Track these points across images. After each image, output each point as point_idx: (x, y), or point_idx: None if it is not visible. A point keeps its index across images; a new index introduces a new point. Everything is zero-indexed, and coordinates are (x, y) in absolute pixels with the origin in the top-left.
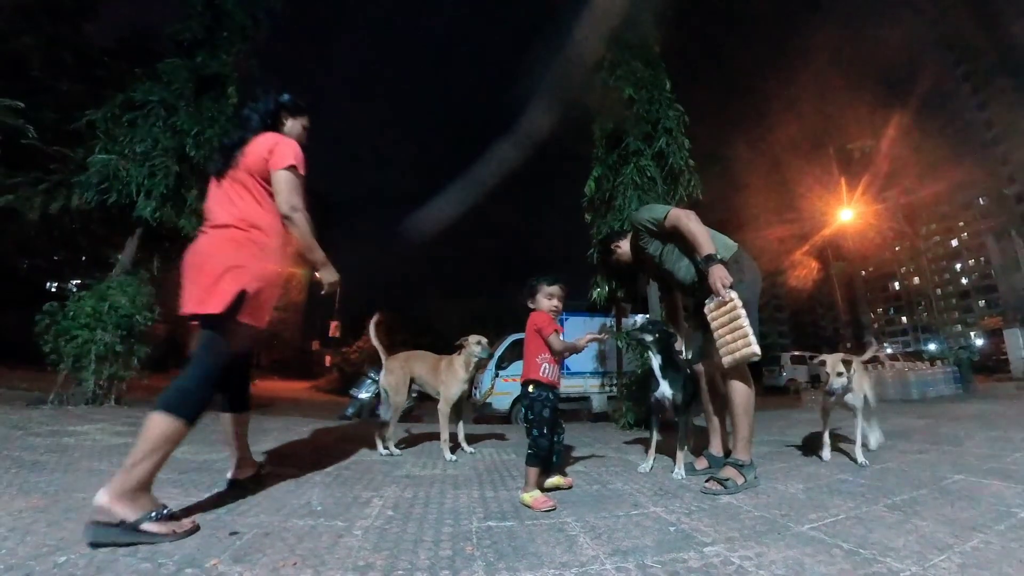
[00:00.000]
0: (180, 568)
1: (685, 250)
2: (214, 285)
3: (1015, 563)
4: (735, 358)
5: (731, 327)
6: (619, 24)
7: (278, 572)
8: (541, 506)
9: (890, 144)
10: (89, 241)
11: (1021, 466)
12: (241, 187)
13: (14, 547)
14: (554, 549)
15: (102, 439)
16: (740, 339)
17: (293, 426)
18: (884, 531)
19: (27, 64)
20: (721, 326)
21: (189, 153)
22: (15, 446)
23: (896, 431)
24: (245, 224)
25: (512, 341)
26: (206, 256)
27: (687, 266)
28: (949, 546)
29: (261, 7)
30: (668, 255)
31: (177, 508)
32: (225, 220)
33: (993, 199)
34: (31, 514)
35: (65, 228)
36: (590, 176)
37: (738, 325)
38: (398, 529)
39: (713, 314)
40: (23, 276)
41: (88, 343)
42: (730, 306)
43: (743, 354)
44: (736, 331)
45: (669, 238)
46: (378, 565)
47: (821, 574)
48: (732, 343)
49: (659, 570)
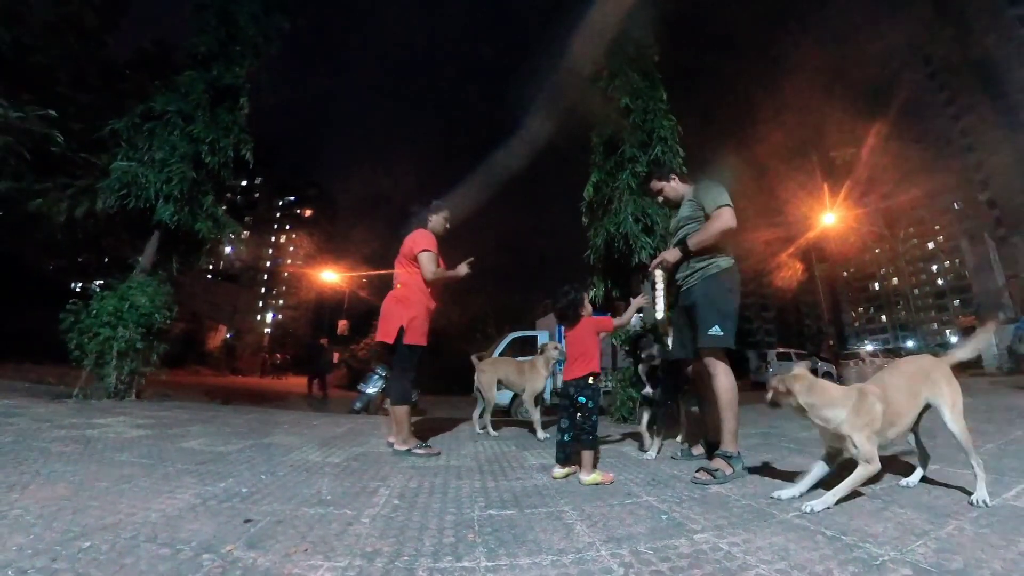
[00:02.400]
0: (198, 553)
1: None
2: (389, 326)
3: (987, 548)
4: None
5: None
6: (617, 37)
7: (290, 558)
8: (610, 479)
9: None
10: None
11: (994, 457)
12: (402, 264)
13: (42, 532)
14: (552, 536)
15: (123, 432)
16: (656, 306)
17: (304, 419)
18: (865, 518)
19: (54, 77)
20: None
21: (205, 160)
22: (42, 438)
23: None
24: (404, 288)
25: (512, 338)
26: (387, 309)
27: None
28: (926, 532)
29: (272, 23)
30: (680, 234)
31: (194, 497)
32: (397, 284)
33: (967, 204)
34: (57, 502)
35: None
36: (589, 181)
37: (658, 299)
38: (404, 517)
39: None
40: (49, 276)
41: (110, 340)
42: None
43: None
44: (657, 301)
45: (692, 221)
46: (385, 551)
47: (805, 559)
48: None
49: (652, 556)
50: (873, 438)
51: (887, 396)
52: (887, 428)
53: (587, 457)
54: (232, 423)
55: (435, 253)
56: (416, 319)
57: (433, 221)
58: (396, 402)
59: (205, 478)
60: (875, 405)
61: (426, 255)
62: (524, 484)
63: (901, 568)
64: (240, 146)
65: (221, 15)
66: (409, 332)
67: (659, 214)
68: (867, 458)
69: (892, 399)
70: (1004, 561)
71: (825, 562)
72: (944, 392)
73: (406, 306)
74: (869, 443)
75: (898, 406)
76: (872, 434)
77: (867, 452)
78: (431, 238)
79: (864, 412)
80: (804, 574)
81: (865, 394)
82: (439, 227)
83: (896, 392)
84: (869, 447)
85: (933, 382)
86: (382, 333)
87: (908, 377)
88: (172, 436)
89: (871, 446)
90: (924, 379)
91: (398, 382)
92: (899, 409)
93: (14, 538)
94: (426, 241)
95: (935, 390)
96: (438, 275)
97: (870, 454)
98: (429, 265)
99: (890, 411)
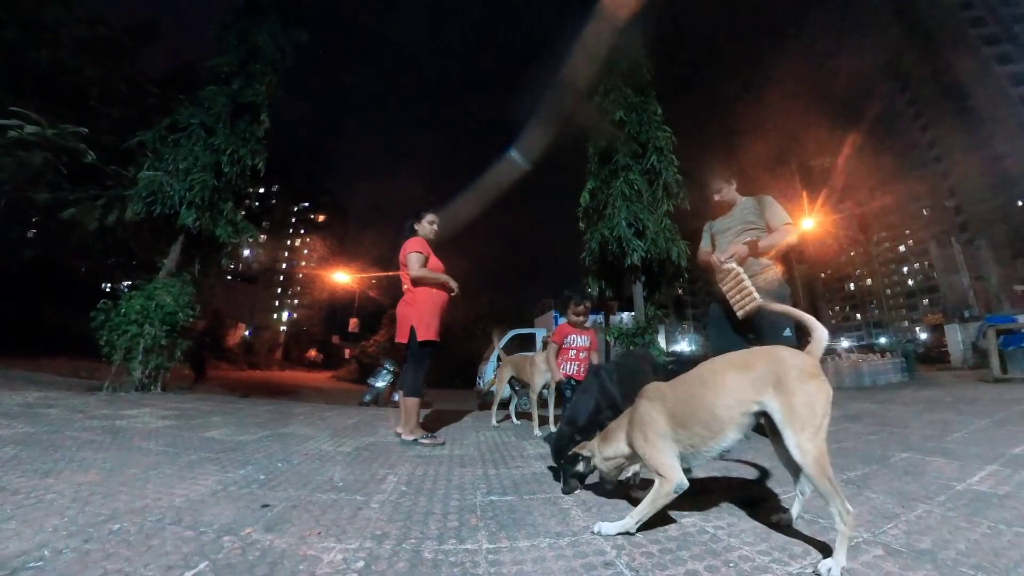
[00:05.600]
0: (219, 536)
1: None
2: (403, 328)
3: (953, 529)
4: (746, 311)
5: (738, 289)
6: (612, 55)
7: (305, 540)
8: None
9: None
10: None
11: (959, 445)
12: (402, 271)
13: (75, 516)
14: (549, 521)
15: (150, 422)
16: (746, 296)
17: (318, 411)
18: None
19: (87, 93)
20: (730, 290)
21: (225, 169)
22: (75, 427)
23: (851, 415)
24: (410, 292)
25: (512, 335)
26: (399, 313)
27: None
28: (896, 515)
29: (289, 43)
30: (728, 236)
31: (215, 483)
32: (404, 290)
33: (935, 210)
34: (89, 487)
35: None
36: (585, 188)
37: (745, 287)
38: (411, 502)
39: (723, 282)
40: (82, 278)
41: (137, 337)
42: (734, 274)
43: (751, 306)
44: (743, 291)
45: (747, 230)
46: (393, 534)
47: (785, 541)
48: (740, 300)
49: (642, 539)
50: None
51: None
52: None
53: None
54: (250, 414)
55: (423, 255)
56: (425, 318)
57: (420, 228)
58: (408, 394)
59: (225, 466)
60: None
61: (412, 256)
62: (523, 472)
63: (873, 549)
64: (257, 156)
65: (242, 35)
66: (420, 331)
67: (650, 219)
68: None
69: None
70: (968, 541)
71: (804, 543)
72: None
73: (414, 308)
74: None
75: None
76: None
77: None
78: (420, 242)
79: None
80: (784, 555)
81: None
82: (427, 231)
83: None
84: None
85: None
86: (399, 335)
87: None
88: (195, 426)
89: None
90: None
91: (411, 376)
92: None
93: (50, 520)
94: (412, 245)
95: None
96: (423, 274)
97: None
98: (413, 264)
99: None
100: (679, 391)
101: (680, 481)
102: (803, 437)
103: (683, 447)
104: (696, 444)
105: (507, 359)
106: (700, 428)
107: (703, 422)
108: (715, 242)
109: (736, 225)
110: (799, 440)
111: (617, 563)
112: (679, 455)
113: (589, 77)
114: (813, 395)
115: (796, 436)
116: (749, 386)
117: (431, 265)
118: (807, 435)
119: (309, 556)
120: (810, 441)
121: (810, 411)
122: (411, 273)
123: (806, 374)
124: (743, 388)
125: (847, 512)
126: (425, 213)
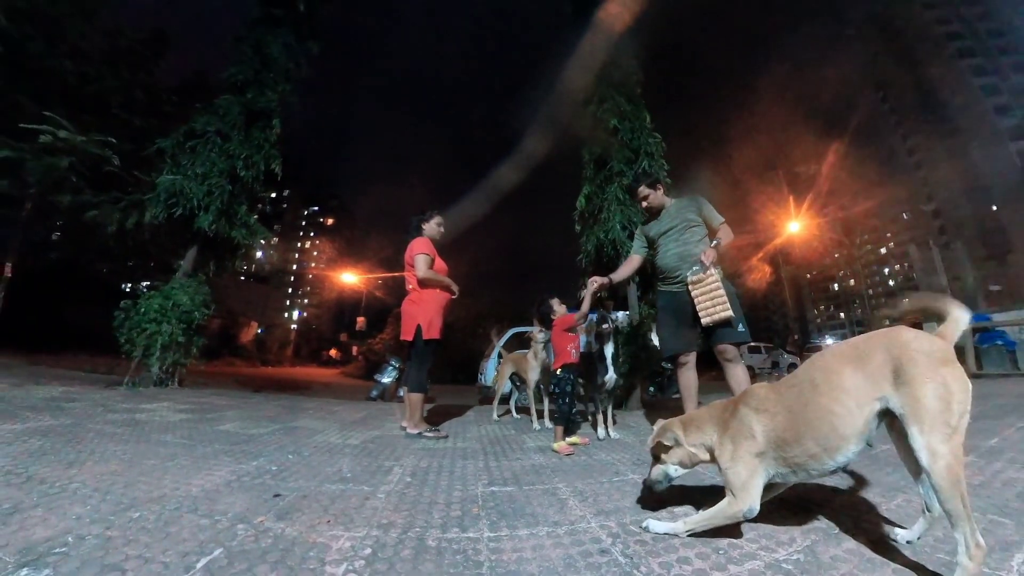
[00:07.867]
0: (233, 524)
1: (690, 241)
2: (408, 326)
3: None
4: (713, 319)
5: (711, 296)
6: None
7: (314, 528)
8: (564, 451)
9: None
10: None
11: None
12: (408, 271)
13: (97, 504)
14: (547, 510)
15: (168, 416)
16: (719, 304)
17: (327, 406)
18: (826, 492)
19: (109, 102)
20: (703, 295)
21: (240, 174)
22: (97, 421)
23: None
24: (415, 291)
25: (513, 333)
26: (405, 312)
27: (675, 255)
28: (877, 505)
29: (302, 52)
30: (672, 235)
31: (229, 473)
32: (409, 289)
33: (915, 214)
34: (110, 477)
35: (138, 238)
36: (581, 193)
37: (719, 295)
38: (415, 493)
39: (697, 287)
40: (103, 279)
41: (155, 335)
42: (712, 280)
43: (721, 316)
44: (716, 299)
45: (688, 228)
46: (398, 523)
47: (771, 528)
48: (711, 307)
49: (637, 527)
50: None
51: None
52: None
53: (557, 431)
54: (263, 409)
55: (430, 256)
56: (429, 317)
57: (428, 228)
58: (412, 389)
59: (239, 457)
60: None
61: (420, 258)
62: (523, 464)
63: (856, 536)
64: (270, 161)
65: (256, 46)
66: (425, 329)
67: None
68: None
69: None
70: (946, 528)
71: (790, 531)
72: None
73: (420, 307)
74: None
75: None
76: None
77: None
78: (427, 243)
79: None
80: (772, 542)
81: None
82: (434, 232)
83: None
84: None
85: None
86: (404, 333)
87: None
88: (210, 420)
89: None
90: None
91: (416, 372)
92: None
93: (73, 508)
94: (420, 246)
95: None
96: (429, 276)
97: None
98: (421, 266)
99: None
100: (788, 400)
101: (752, 507)
102: (934, 438)
103: (785, 466)
104: (803, 462)
105: (507, 356)
106: (813, 444)
107: (819, 436)
108: (657, 244)
109: (678, 224)
110: (928, 441)
111: (612, 551)
112: (770, 476)
113: (585, 87)
114: (946, 385)
115: (925, 436)
116: (867, 381)
117: (436, 267)
118: (939, 436)
119: (319, 543)
120: (944, 443)
121: (943, 405)
122: (418, 275)
123: (936, 360)
124: (862, 385)
125: (976, 545)
126: (434, 215)
